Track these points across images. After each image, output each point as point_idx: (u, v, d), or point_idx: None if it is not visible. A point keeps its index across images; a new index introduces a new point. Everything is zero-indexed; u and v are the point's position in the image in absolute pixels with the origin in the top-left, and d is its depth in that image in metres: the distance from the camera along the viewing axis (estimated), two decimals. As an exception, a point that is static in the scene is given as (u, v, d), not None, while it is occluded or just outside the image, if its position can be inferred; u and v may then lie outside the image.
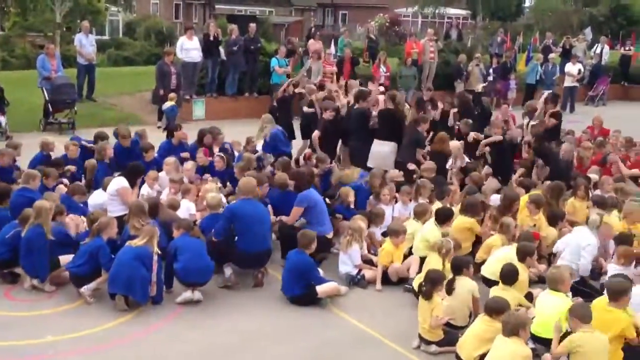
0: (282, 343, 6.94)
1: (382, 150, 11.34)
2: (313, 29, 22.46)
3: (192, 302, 7.59)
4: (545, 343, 6.41)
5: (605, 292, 6.51)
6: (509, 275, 7.01)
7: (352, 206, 9.73)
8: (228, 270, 8.10)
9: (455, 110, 14.08)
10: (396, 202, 10.06)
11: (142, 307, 7.37)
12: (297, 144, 13.20)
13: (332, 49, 20.36)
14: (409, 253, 8.62)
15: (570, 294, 6.94)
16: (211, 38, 17.46)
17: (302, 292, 7.68)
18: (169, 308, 7.48)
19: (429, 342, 6.76)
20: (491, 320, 6.23)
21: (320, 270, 8.12)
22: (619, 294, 6.30)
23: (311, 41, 20.05)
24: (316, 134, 11.76)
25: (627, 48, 25.46)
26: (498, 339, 5.94)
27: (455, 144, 11.80)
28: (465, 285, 7.13)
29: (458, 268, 7.21)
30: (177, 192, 9.51)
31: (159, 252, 7.47)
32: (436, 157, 11.29)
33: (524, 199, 9.36)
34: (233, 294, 7.94)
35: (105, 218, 7.86)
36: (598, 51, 24.31)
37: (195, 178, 10.37)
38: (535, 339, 6.62)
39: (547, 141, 11.99)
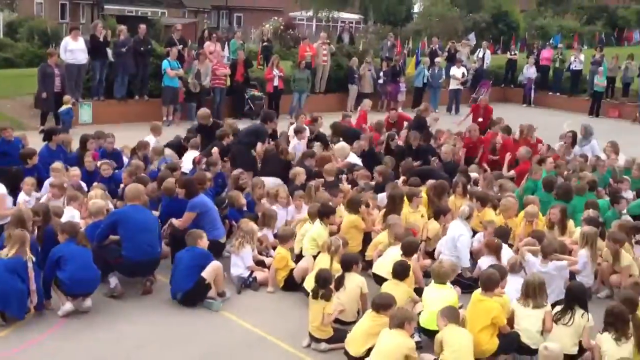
0: (172, 349, 6.82)
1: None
2: (206, 31, 22.15)
3: (75, 313, 7.30)
4: (432, 335, 6.63)
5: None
6: (400, 271, 7.24)
7: (244, 209, 9.72)
8: (113, 280, 7.83)
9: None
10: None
11: (20, 322, 7.02)
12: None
13: (225, 51, 20.21)
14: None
15: (452, 286, 7.23)
16: (100, 39, 16.87)
17: (193, 284, 7.58)
18: (51, 321, 7.17)
19: (319, 340, 6.85)
20: (378, 316, 6.39)
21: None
22: (489, 284, 6.63)
23: (207, 43, 19.85)
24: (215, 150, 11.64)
25: (512, 53, 26.80)
26: (383, 332, 6.12)
27: (342, 145, 12.09)
28: (355, 280, 7.29)
29: (348, 264, 7.37)
30: (57, 198, 9.08)
31: (34, 258, 7.12)
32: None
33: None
34: (120, 303, 7.72)
35: None
36: (480, 55, 25.42)
37: (78, 184, 9.88)
38: (422, 331, 6.86)
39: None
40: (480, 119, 16.36)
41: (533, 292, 6.74)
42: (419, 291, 7.49)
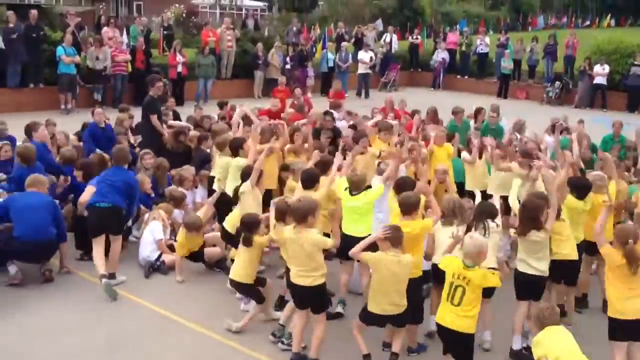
0: (79, 335, 6.37)
1: None
2: (102, 18, 21.19)
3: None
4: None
5: None
6: (308, 178, 6.88)
7: (152, 195, 9.25)
8: (13, 268, 7.32)
9: None
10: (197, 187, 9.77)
11: None
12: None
13: (125, 37, 19.39)
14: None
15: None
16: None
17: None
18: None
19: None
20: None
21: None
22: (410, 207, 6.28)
23: (105, 29, 19.00)
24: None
25: (415, 37, 27.12)
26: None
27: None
28: None
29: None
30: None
31: None
32: None
33: None
34: (21, 291, 7.19)
35: None
36: (388, 40, 25.62)
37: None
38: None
39: None
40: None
41: (452, 212, 6.53)
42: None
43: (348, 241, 6.49)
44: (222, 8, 39.43)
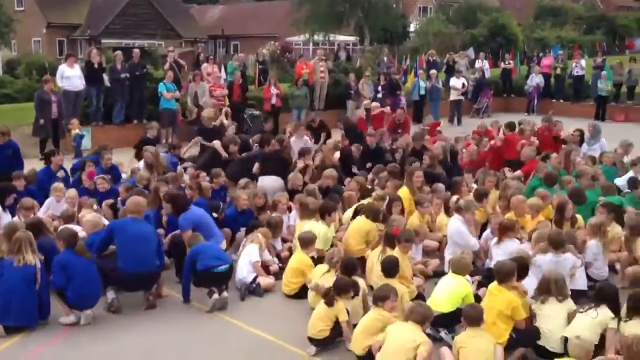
0: (175, 356, 6.61)
1: (273, 186, 11.14)
2: (201, 55, 22.18)
3: (77, 324, 7.16)
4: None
5: None
6: (389, 267, 7.01)
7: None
8: (110, 294, 7.55)
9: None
10: (290, 211, 9.95)
11: (22, 333, 6.91)
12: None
13: (222, 72, 20.20)
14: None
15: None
16: (95, 65, 16.84)
17: None
18: (53, 332, 7.00)
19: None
20: (379, 309, 6.21)
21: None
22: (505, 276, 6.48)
23: (205, 64, 19.90)
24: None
25: (507, 62, 26.72)
26: (397, 324, 5.89)
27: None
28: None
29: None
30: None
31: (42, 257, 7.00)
32: None
33: None
34: (122, 315, 7.50)
35: None
36: (479, 66, 25.34)
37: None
38: None
39: None
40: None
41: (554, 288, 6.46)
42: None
43: None
44: (315, 44, 40.31)
